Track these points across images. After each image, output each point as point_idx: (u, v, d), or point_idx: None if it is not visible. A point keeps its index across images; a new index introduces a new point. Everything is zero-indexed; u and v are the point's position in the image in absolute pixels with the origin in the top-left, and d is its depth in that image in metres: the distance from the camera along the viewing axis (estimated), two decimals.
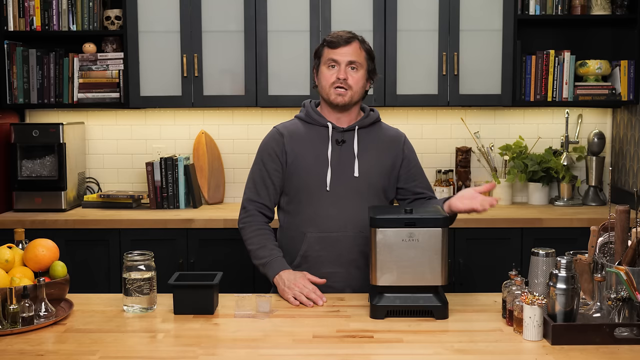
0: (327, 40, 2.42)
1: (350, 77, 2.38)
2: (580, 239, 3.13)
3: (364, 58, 2.42)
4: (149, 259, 2.13)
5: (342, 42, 2.38)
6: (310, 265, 2.38)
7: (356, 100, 2.43)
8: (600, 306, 1.89)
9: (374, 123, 2.49)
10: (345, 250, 2.37)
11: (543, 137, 3.95)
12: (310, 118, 2.46)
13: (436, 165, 3.97)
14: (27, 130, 3.62)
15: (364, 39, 2.45)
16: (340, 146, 2.42)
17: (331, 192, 2.38)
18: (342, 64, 2.38)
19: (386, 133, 2.51)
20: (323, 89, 2.42)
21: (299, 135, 2.44)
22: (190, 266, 3.41)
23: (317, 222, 2.38)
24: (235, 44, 3.64)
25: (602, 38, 3.87)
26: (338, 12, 3.60)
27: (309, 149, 2.41)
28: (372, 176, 2.42)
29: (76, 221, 3.43)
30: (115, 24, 3.71)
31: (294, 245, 2.42)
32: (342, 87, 2.38)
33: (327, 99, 2.42)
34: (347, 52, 2.38)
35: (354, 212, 2.37)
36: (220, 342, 1.87)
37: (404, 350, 1.80)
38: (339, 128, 2.43)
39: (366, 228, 2.35)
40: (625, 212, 1.93)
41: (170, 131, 3.97)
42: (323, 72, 2.41)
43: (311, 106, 2.49)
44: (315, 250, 2.38)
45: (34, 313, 1.95)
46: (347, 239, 2.38)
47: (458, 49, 3.62)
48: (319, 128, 2.44)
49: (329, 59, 2.40)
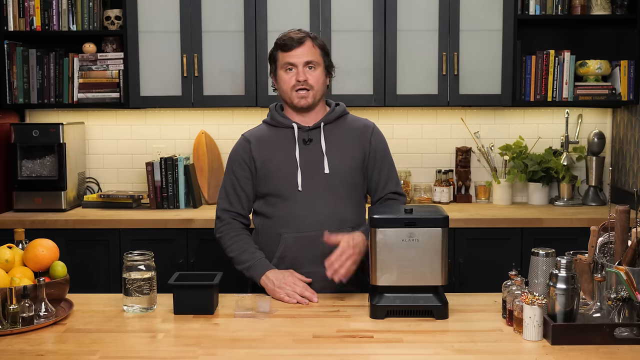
0: (279, 43, 2.40)
1: (310, 76, 2.37)
2: (580, 239, 3.13)
3: (319, 55, 2.40)
4: (149, 259, 2.13)
5: (295, 44, 2.37)
6: (287, 266, 2.36)
7: (319, 98, 2.42)
8: (600, 306, 1.89)
9: (340, 117, 2.47)
10: (322, 249, 2.33)
11: (543, 137, 3.95)
12: (275, 121, 2.45)
13: (436, 165, 3.97)
14: (27, 130, 3.62)
15: (316, 35, 2.44)
16: (308, 145, 2.40)
17: (303, 191, 2.36)
18: (299, 66, 2.37)
19: (353, 125, 2.48)
20: (285, 93, 2.41)
21: (266, 139, 2.44)
22: (190, 266, 3.41)
23: (292, 223, 2.36)
24: (235, 44, 3.64)
25: (602, 38, 3.87)
26: (338, 12, 3.60)
27: (277, 152, 2.40)
28: (343, 171, 2.40)
29: (76, 221, 3.43)
30: (115, 24, 3.71)
31: (270, 247, 2.40)
32: (303, 88, 2.37)
33: (289, 102, 2.42)
34: (301, 53, 2.37)
35: (328, 210, 2.36)
36: (220, 342, 1.87)
37: (404, 350, 1.80)
38: (305, 127, 2.42)
39: (343, 225, 2.35)
40: (625, 212, 1.93)
41: (170, 131, 3.97)
42: (281, 77, 2.40)
43: (276, 109, 2.48)
44: (292, 251, 2.36)
45: (34, 313, 1.95)
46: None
47: (458, 49, 3.62)
48: (285, 130, 2.43)
49: (285, 63, 2.38)
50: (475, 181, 3.96)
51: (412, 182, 3.93)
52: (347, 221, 2.37)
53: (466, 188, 3.90)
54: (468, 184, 3.90)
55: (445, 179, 3.87)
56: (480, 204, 3.88)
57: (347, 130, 2.46)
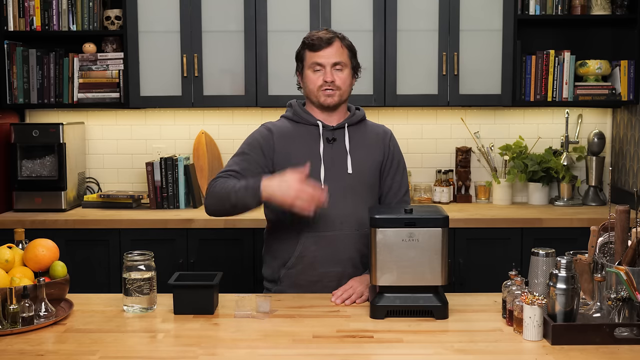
0: (308, 43, 2.39)
1: (337, 78, 2.37)
2: (580, 239, 3.13)
3: (347, 56, 2.40)
4: (149, 259, 2.13)
5: (324, 44, 2.36)
6: (306, 265, 2.36)
7: (345, 98, 2.43)
8: (600, 306, 1.89)
9: (360, 121, 2.48)
10: (341, 249, 2.35)
11: (543, 137, 3.95)
12: (299, 117, 2.44)
13: (436, 165, 3.97)
14: (27, 130, 3.62)
15: (344, 36, 2.43)
16: (332, 144, 2.40)
17: (325, 189, 2.35)
18: (327, 67, 2.36)
19: (373, 130, 2.50)
20: (311, 92, 2.41)
21: (289, 133, 2.42)
22: (190, 266, 3.41)
23: (313, 222, 2.35)
24: (235, 44, 3.64)
25: (602, 38, 3.87)
26: (338, 12, 3.60)
27: (300, 147, 2.39)
28: (365, 173, 2.41)
29: (76, 221, 3.43)
30: (115, 24, 3.71)
31: (287, 246, 2.39)
32: (330, 88, 2.37)
33: (316, 101, 2.41)
34: (330, 54, 2.36)
35: (349, 210, 2.36)
36: (220, 342, 1.87)
37: (404, 350, 1.80)
38: (329, 126, 2.42)
39: (362, 226, 2.35)
40: (625, 212, 1.93)
41: (170, 131, 3.97)
42: (309, 76, 2.40)
43: (299, 105, 2.48)
44: (312, 250, 2.36)
45: (34, 313, 1.95)
46: (344, 238, 2.36)
47: (458, 49, 3.62)
48: (308, 127, 2.42)
49: (312, 63, 2.37)
50: (475, 181, 3.96)
51: (412, 182, 3.93)
52: (365, 224, 2.32)
53: (466, 188, 3.90)
54: (468, 184, 3.90)
55: (445, 179, 3.87)
56: (480, 204, 3.88)
57: (368, 134, 2.47)
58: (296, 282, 2.38)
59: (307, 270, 2.36)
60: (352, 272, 2.36)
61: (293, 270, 2.38)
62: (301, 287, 2.37)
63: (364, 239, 2.36)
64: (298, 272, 2.38)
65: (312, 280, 2.37)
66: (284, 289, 2.40)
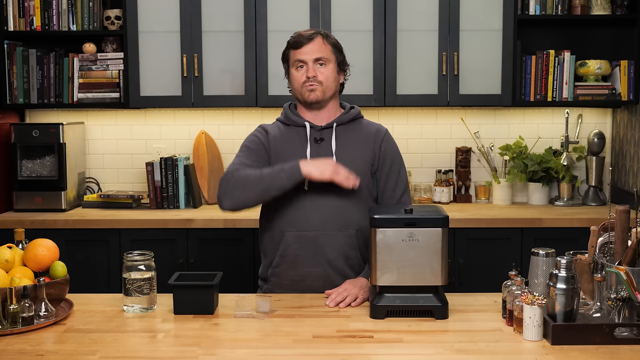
0: (291, 41, 2.41)
1: (320, 73, 2.38)
2: (580, 239, 3.13)
3: (330, 52, 2.40)
4: (149, 259, 2.13)
5: (305, 40, 2.37)
6: (289, 264, 2.36)
7: (330, 94, 2.41)
8: (600, 306, 1.89)
9: (354, 119, 2.46)
10: (324, 250, 2.34)
11: (543, 137, 3.95)
12: (288, 119, 2.45)
13: (436, 165, 3.97)
14: (27, 130, 3.62)
15: (328, 33, 2.44)
16: (319, 144, 2.40)
17: (310, 191, 2.34)
18: (309, 63, 2.37)
19: (366, 129, 2.47)
20: (296, 90, 2.42)
21: (279, 136, 2.43)
22: (190, 266, 3.41)
23: (295, 222, 2.35)
24: (235, 44, 3.64)
25: (602, 38, 3.87)
26: (338, 12, 3.60)
27: (289, 150, 2.40)
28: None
29: (76, 221, 3.43)
30: (115, 24, 3.71)
31: (273, 245, 2.40)
32: (312, 83, 2.37)
33: (301, 98, 2.42)
34: (311, 50, 2.37)
35: (332, 211, 2.34)
36: (220, 342, 1.87)
37: (404, 350, 1.80)
38: (317, 126, 2.42)
39: (347, 226, 2.35)
40: (625, 212, 1.93)
41: (170, 131, 3.97)
42: (293, 75, 2.41)
43: (289, 108, 2.49)
44: (293, 249, 2.35)
45: (34, 313, 1.95)
46: (325, 238, 2.34)
47: (458, 49, 3.62)
48: (297, 128, 2.43)
49: (295, 60, 2.39)
50: (475, 181, 3.96)
51: (412, 182, 3.93)
52: (351, 223, 2.35)
53: (466, 188, 3.90)
54: (468, 184, 3.90)
55: (445, 179, 3.87)
56: (480, 204, 3.88)
57: (359, 133, 2.45)
58: (281, 281, 2.39)
59: (290, 270, 2.36)
60: (334, 274, 2.35)
61: (278, 269, 2.38)
62: (286, 286, 2.38)
63: (350, 240, 2.35)
64: (282, 271, 2.38)
65: (295, 279, 2.37)
66: (271, 288, 2.41)
